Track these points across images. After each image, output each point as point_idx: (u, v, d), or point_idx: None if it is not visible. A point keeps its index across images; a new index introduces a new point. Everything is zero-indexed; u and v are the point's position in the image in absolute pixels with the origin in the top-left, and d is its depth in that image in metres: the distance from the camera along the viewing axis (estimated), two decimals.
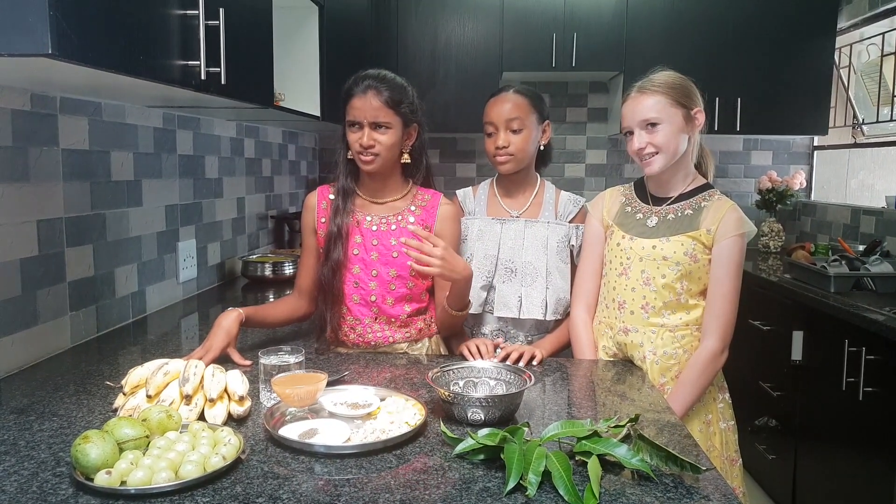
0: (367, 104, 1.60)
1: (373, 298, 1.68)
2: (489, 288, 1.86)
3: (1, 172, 1.48)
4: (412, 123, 1.68)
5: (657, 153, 1.64)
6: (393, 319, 1.70)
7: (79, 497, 0.97)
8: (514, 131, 1.81)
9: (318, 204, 1.74)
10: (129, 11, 1.20)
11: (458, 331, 1.81)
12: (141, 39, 1.23)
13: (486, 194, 1.95)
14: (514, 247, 1.86)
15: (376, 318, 1.70)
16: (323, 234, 1.71)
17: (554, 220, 1.88)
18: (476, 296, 1.84)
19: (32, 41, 0.98)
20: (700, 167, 1.76)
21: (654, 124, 1.63)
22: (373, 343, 1.72)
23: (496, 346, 1.71)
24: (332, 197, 1.73)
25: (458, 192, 1.99)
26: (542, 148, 1.89)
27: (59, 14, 0.98)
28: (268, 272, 2.70)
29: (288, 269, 2.70)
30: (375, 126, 1.62)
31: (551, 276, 1.84)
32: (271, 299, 2.46)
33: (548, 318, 1.83)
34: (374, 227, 1.70)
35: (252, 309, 1.67)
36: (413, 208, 1.72)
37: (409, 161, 1.71)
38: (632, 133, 1.67)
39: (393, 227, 1.70)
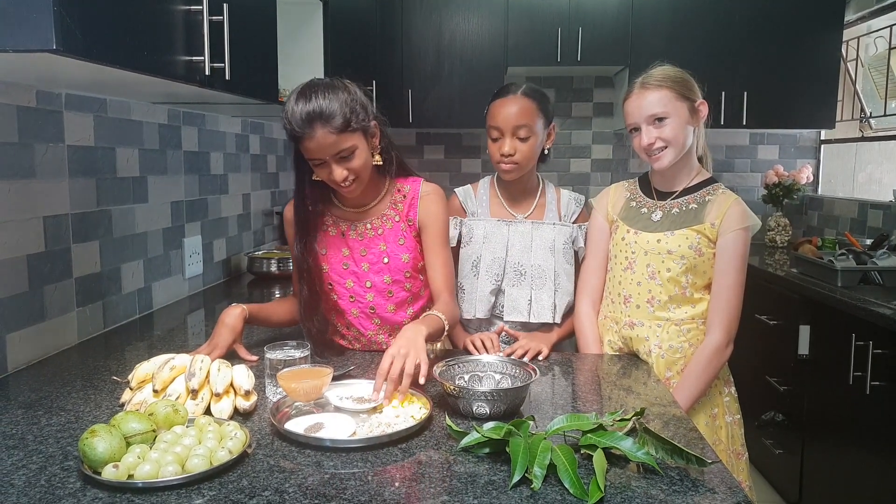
0: (321, 143, 1.42)
1: (372, 309, 1.64)
2: (497, 292, 1.83)
3: (7, 169, 1.49)
4: (370, 126, 1.51)
5: (666, 147, 1.63)
6: (397, 327, 1.64)
7: (86, 490, 0.98)
8: (522, 139, 1.72)
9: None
10: (133, 7, 1.20)
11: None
12: (145, 35, 1.24)
13: (487, 194, 1.89)
14: (522, 249, 1.81)
15: (379, 329, 1.66)
16: None
17: (558, 221, 1.85)
18: (485, 300, 1.81)
19: (37, 37, 0.98)
20: (701, 161, 1.76)
21: (661, 119, 1.63)
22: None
23: (500, 332, 1.69)
24: (310, 209, 1.62)
25: (457, 190, 1.92)
26: (546, 152, 1.83)
27: (63, 10, 0.99)
28: (273, 268, 2.70)
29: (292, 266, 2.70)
30: (340, 157, 1.45)
31: (559, 279, 1.81)
32: (277, 295, 2.47)
33: (556, 321, 1.81)
34: (361, 237, 1.62)
35: (256, 307, 1.64)
36: (395, 205, 1.64)
37: (381, 162, 1.57)
38: (638, 130, 1.66)
39: (379, 231, 1.62)
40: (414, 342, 1.33)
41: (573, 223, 1.86)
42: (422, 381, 1.29)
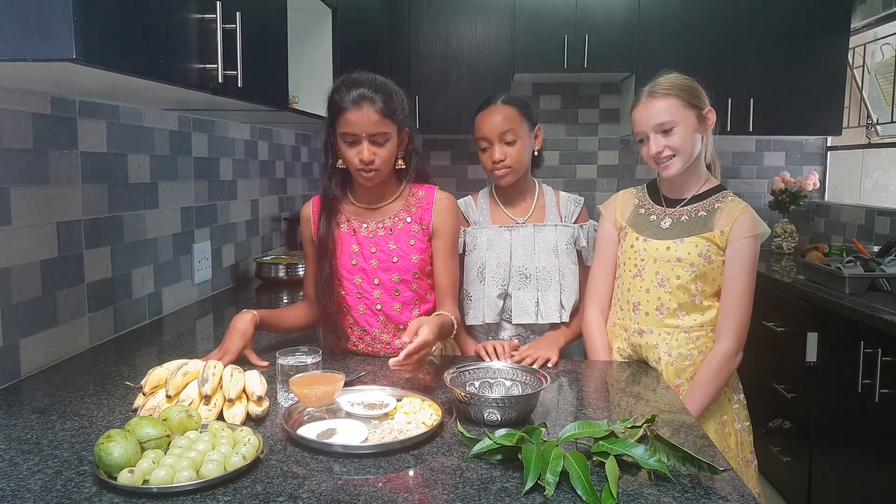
0: (364, 118, 1.52)
1: (378, 307, 1.66)
2: (505, 296, 1.85)
3: (22, 175, 1.50)
4: (405, 128, 1.63)
5: (674, 156, 1.64)
6: (402, 327, 1.66)
7: (102, 495, 0.98)
8: (509, 144, 1.79)
9: (313, 214, 1.71)
10: (150, 16, 1.21)
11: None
12: (161, 44, 1.25)
13: (487, 203, 1.93)
14: (525, 252, 1.85)
15: (384, 328, 1.68)
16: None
17: (559, 222, 1.89)
18: (493, 305, 1.84)
19: (57, 46, 0.99)
20: (709, 168, 1.76)
21: (669, 127, 1.63)
22: (382, 354, 1.69)
23: (514, 349, 1.71)
24: (336, 191, 1.69)
25: (458, 201, 1.91)
26: (536, 153, 1.88)
27: (82, 20, 1.00)
28: (281, 273, 2.71)
29: (301, 271, 2.71)
30: (373, 139, 1.55)
31: (564, 279, 1.85)
32: (285, 300, 2.48)
33: (563, 320, 1.84)
34: (372, 235, 1.66)
35: (266, 312, 1.66)
36: (409, 208, 1.68)
37: (403, 166, 1.67)
38: (646, 138, 1.67)
39: (391, 230, 1.66)
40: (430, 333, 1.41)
41: (574, 223, 1.90)
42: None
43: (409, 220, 1.66)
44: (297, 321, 1.77)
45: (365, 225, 1.67)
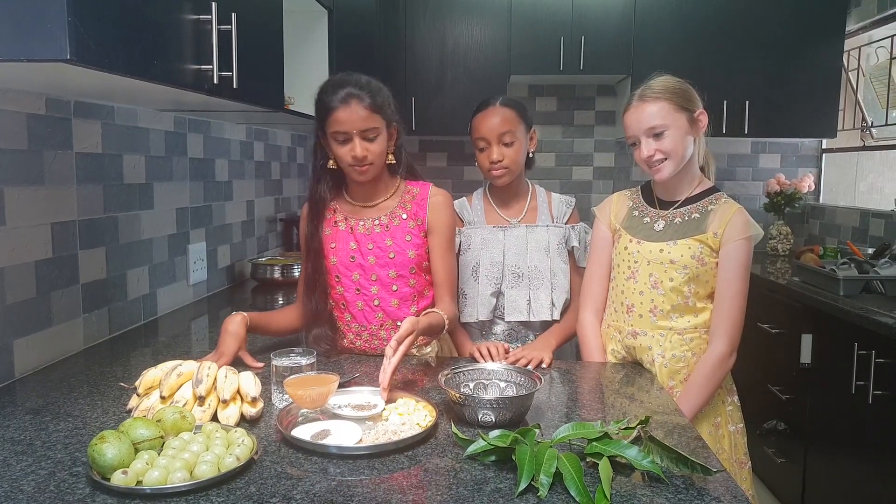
0: (353, 115, 1.55)
1: (376, 303, 1.68)
2: (498, 294, 1.89)
3: (17, 175, 1.50)
4: (392, 123, 1.65)
5: (666, 159, 1.64)
6: (399, 323, 1.67)
7: (96, 496, 0.98)
8: (507, 145, 1.83)
9: None
10: (145, 17, 1.21)
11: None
12: (156, 44, 1.25)
13: (481, 203, 1.97)
14: (518, 252, 1.89)
15: (382, 325, 1.69)
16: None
17: (551, 223, 1.93)
18: (486, 303, 1.88)
19: (51, 47, 0.99)
20: (703, 169, 1.77)
21: (660, 131, 1.63)
22: (379, 350, 1.70)
23: (507, 350, 1.72)
24: (323, 194, 1.72)
25: (453, 203, 1.96)
26: (530, 155, 1.92)
27: (77, 20, 1.00)
28: (276, 274, 2.71)
29: (297, 272, 2.71)
30: (364, 135, 1.58)
31: (556, 277, 1.89)
32: (280, 301, 2.48)
33: (554, 318, 1.87)
34: (368, 232, 1.69)
35: (256, 314, 1.67)
36: (404, 204, 1.71)
37: (394, 161, 1.70)
38: (638, 142, 1.67)
39: (387, 227, 1.69)
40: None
41: (565, 224, 1.94)
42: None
43: (404, 216, 1.70)
44: (287, 324, 1.77)
45: (361, 222, 1.70)
